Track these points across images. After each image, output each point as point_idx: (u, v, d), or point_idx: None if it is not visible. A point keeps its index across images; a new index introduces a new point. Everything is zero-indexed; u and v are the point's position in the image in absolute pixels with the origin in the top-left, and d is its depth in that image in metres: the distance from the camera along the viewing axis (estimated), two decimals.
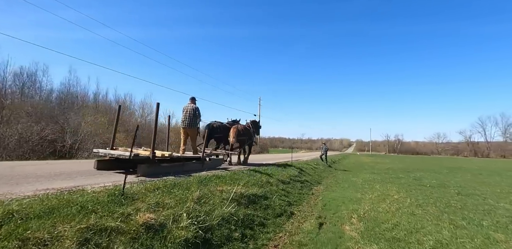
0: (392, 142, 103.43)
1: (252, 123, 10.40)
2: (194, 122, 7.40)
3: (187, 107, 7.42)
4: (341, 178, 12.10)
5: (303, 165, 11.94)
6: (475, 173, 16.71)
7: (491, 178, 13.49)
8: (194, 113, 7.34)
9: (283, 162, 11.89)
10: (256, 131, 10.60)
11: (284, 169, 8.97)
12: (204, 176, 4.78)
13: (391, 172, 15.76)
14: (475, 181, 11.46)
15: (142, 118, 32.89)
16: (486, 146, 77.97)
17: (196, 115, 7.41)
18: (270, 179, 6.57)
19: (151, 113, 35.64)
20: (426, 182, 10.57)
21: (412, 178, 12.24)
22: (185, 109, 7.40)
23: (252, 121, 10.60)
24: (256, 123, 10.77)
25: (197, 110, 7.45)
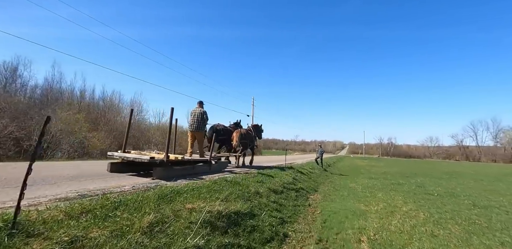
0: (385, 145, 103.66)
1: (254, 127, 10.77)
2: (202, 126, 7.53)
3: (195, 110, 7.52)
4: (339, 184, 11.12)
5: (297, 170, 10.91)
6: (476, 179, 15.99)
7: (495, 185, 12.72)
8: (202, 117, 7.45)
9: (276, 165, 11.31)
10: (258, 135, 10.92)
11: (277, 174, 7.92)
12: (170, 189, 3.65)
13: (389, 177, 14.91)
14: (482, 189, 10.62)
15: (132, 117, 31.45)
16: (477, 150, 78.54)
17: (204, 119, 7.52)
18: (260, 188, 5.49)
19: (141, 112, 34.30)
20: (431, 190, 9.67)
21: (414, 184, 11.34)
22: (193, 113, 7.51)
23: (254, 125, 10.97)
24: (258, 127, 11.05)
25: (205, 114, 7.54)
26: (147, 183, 4.25)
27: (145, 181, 4.55)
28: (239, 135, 9.04)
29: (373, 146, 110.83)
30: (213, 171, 7.09)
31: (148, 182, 4.38)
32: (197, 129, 7.50)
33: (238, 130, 9.34)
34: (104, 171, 5.49)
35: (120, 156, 5.46)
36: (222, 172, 7.15)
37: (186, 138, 9.01)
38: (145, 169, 5.79)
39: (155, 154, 5.77)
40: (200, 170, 6.64)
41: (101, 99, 27.36)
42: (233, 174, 6.61)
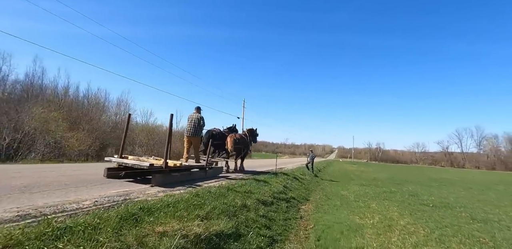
0: (373, 150, 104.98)
1: (249, 131, 10.64)
2: (198, 131, 7.54)
3: (192, 116, 7.53)
4: (330, 192, 10.69)
5: (288, 176, 10.42)
6: (465, 187, 15.94)
7: (485, 194, 12.60)
8: (199, 123, 7.46)
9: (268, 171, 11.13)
10: (253, 139, 10.89)
11: (267, 182, 7.39)
12: (139, 205, 3.04)
13: (380, 184, 14.64)
14: (475, 199, 10.41)
15: (118, 117, 30.36)
16: (461, 157, 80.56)
17: (201, 125, 7.54)
18: (247, 199, 4.94)
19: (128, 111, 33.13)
20: (425, 200, 9.35)
21: (407, 193, 11.03)
22: (190, 118, 7.52)
23: (249, 129, 10.81)
24: (253, 131, 10.94)
25: (202, 119, 7.54)
26: (115, 196, 3.62)
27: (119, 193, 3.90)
28: (233, 140, 8.99)
29: (361, 150, 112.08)
30: (209, 176, 7.14)
31: (117, 195, 3.75)
32: (193, 135, 7.47)
33: (232, 135, 9.28)
34: (68, 179, 4.83)
35: (118, 162, 5.36)
36: (217, 178, 7.27)
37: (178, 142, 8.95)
38: (142, 174, 5.67)
39: (153, 161, 5.79)
40: (197, 176, 6.65)
41: (85, 97, 26.19)
42: (222, 182, 6.28)
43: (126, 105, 33.23)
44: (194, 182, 5.89)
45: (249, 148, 10.76)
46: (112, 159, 5.52)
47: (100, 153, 17.06)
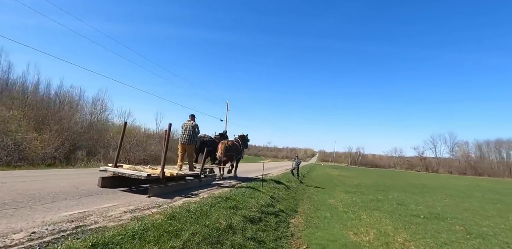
0: (353, 154, 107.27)
1: (240, 138, 10.63)
2: (193, 139, 7.53)
3: (187, 124, 7.54)
4: (318, 200, 10.22)
5: (275, 185, 9.82)
6: (446, 193, 16.14)
7: (467, 201, 12.70)
8: (194, 131, 7.48)
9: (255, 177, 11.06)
10: (245, 145, 10.88)
11: (253, 193, 6.74)
12: (91, 241, 2.27)
13: (365, 191, 14.45)
14: (460, 207, 10.35)
15: (93, 116, 28.48)
16: (435, 162, 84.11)
17: (196, 133, 7.60)
18: (233, 217, 4.26)
19: (104, 111, 31.28)
20: (414, 209, 9.11)
21: (394, 201, 10.80)
22: (185, 126, 7.52)
23: (240, 135, 10.77)
24: (244, 137, 10.93)
25: (197, 127, 7.58)
26: (65, 222, 2.81)
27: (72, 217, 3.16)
28: (224, 147, 8.94)
29: (341, 154, 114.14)
30: (203, 185, 7.18)
31: (68, 219, 2.94)
32: (188, 142, 7.44)
33: (223, 142, 9.27)
34: (11, 194, 3.91)
35: (114, 171, 5.23)
36: (211, 186, 7.34)
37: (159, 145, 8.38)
38: (136, 183, 5.63)
39: (149, 170, 5.72)
40: (192, 185, 6.63)
41: (57, 94, 24.29)
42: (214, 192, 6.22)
43: (103, 105, 31.30)
44: (189, 191, 5.90)
45: (241, 155, 10.78)
46: (108, 169, 5.36)
47: (69, 156, 15.60)
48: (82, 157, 15.83)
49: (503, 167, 76.45)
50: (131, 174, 4.96)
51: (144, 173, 4.94)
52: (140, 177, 4.82)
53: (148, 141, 21.06)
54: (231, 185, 7.74)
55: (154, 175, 5.08)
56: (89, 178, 6.59)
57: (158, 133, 27.14)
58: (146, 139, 21.28)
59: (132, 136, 16.85)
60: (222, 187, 7.26)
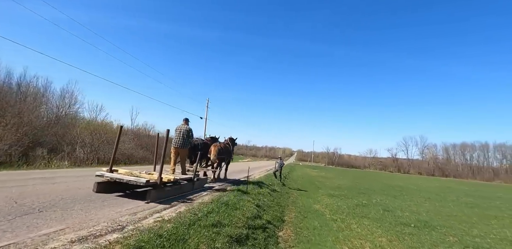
0: (330, 154, 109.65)
1: (231, 140, 10.87)
2: (186, 143, 7.57)
3: (181, 127, 7.57)
4: (303, 206, 9.68)
5: (259, 189, 9.12)
6: (423, 196, 16.42)
7: (445, 205, 12.84)
8: (188, 134, 7.53)
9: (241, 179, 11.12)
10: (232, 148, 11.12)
11: (238, 202, 5.98)
12: None
13: (348, 194, 14.22)
14: (443, 213, 10.28)
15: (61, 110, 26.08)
16: (407, 163, 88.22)
17: (190, 136, 7.64)
18: (217, 238, 3.49)
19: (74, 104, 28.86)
20: (401, 216, 8.83)
21: (379, 207, 10.54)
22: (179, 130, 7.54)
23: (230, 138, 11.03)
24: (233, 140, 11.18)
25: (191, 131, 7.65)
26: None
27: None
28: (217, 150, 9.05)
29: (319, 154, 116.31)
30: (196, 188, 7.29)
31: None
32: (182, 146, 7.47)
33: (216, 144, 9.34)
34: None
35: (112, 177, 5.18)
36: (204, 189, 7.53)
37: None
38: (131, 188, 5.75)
39: (146, 175, 5.68)
40: (186, 189, 6.70)
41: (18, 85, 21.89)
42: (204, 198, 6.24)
43: (72, 97, 28.87)
44: (184, 196, 6.02)
45: (231, 157, 11.08)
46: (104, 174, 5.29)
47: (27, 153, 13.89)
48: (42, 155, 14.13)
49: (466, 169, 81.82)
50: (129, 180, 4.94)
51: (143, 179, 4.97)
52: (140, 183, 4.83)
53: (121, 138, 19.51)
54: (222, 188, 7.95)
55: (153, 181, 5.09)
56: (43, 185, 5.48)
57: (133, 129, 25.44)
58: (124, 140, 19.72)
59: (103, 133, 15.34)
60: (213, 191, 7.44)
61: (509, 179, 69.63)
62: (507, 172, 77.09)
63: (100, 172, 5.36)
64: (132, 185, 5.29)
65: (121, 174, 5.42)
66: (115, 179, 5.11)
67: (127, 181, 4.93)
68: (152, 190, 5.06)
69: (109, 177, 5.19)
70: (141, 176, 5.43)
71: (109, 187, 5.46)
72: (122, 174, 5.58)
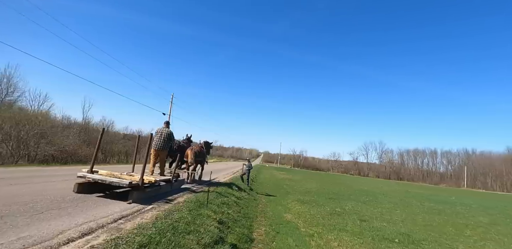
0: (296, 156, 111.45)
1: (205, 144, 11.11)
2: (166, 145, 7.74)
3: (162, 130, 7.73)
4: (273, 216, 8.42)
5: (223, 197, 7.64)
6: (391, 201, 16.30)
7: (417, 213, 12.56)
8: (169, 138, 7.74)
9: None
10: (208, 151, 11.44)
11: (193, 220, 4.44)
12: None
13: (318, 199, 13.43)
14: (418, 223, 9.77)
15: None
16: (367, 167, 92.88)
17: (171, 139, 7.89)
18: None
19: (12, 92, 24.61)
20: (380, 229, 8.00)
21: (355, 216, 9.71)
22: (159, 132, 7.68)
23: (205, 142, 11.24)
24: (208, 143, 11.47)
25: (172, 134, 7.87)
26: None
27: None
28: (194, 153, 9.30)
29: (285, 156, 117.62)
30: (174, 189, 7.35)
31: None
32: (161, 148, 7.62)
33: (191, 148, 9.57)
34: None
35: (94, 178, 5.20)
36: (182, 190, 7.64)
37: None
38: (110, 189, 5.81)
39: (128, 177, 5.72)
40: (164, 190, 6.72)
41: None
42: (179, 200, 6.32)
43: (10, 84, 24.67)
44: (164, 196, 6.15)
45: (206, 159, 11.41)
46: (86, 176, 5.30)
47: None
48: None
49: (418, 173, 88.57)
50: (112, 181, 5.04)
51: (126, 181, 5.05)
52: (123, 184, 4.99)
53: (64, 131, 16.56)
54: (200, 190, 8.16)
55: (135, 182, 5.15)
56: None
57: (81, 123, 22.15)
58: (61, 130, 16.68)
59: (34, 125, 12.55)
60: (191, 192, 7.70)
61: (453, 183, 76.85)
62: (451, 176, 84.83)
63: (81, 173, 5.38)
64: (112, 186, 5.40)
65: (103, 176, 5.44)
66: (97, 180, 5.17)
67: (109, 182, 5.04)
68: (135, 191, 5.15)
69: (91, 178, 5.22)
70: (123, 178, 5.50)
71: (90, 188, 5.50)
72: (103, 175, 5.57)
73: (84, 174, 5.32)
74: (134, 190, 5.16)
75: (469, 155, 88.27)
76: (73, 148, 14.33)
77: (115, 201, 5.06)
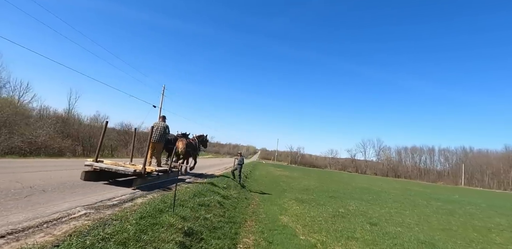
0: (293, 153, 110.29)
1: (198, 137, 11.68)
2: (163, 138, 8.42)
3: (158, 124, 8.35)
4: (267, 219, 6.99)
5: (204, 200, 6.15)
6: (396, 200, 15.00)
7: (429, 214, 11.24)
8: (165, 131, 8.42)
9: None
10: (203, 144, 12.26)
11: (147, 229, 2.96)
12: None
13: (318, 198, 12.05)
14: (435, 226, 8.42)
15: None
16: (364, 164, 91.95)
17: (166, 133, 8.60)
18: None
19: None
20: (394, 235, 6.61)
21: (363, 219, 8.33)
22: (156, 126, 8.22)
23: (198, 135, 11.79)
24: (203, 137, 11.98)
25: (167, 128, 8.57)
26: None
27: None
28: (184, 144, 9.98)
29: (282, 153, 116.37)
30: (170, 179, 8.07)
31: None
32: (158, 141, 8.22)
33: (181, 139, 10.15)
34: None
35: (101, 167, 5.73)
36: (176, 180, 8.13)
37: None
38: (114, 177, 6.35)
39: (129, 166, 6.29)
40: (162, 179, 7.43)
41: None
42: None
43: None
44: (164, 185, 6.87)
45: (197, 152, 11.84)
46: (93, 164, 5.79)
47: None
48: None
49: (415, 171, 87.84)
50: (118, 169, 5.65)
51: (131, 169, 5.70)
52: (128, 172, 5.62)
53: (38, 123, 14.93)
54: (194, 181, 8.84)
55: (138, 170, 5.67)
56: None
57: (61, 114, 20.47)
58: (33, 121, 15.05)
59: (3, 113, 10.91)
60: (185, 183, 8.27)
61: (450, 181, 76.20)
62: (449, 174, 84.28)
63: (88, 162, 5.90)
64: (115, 174, 6.01)
65: (109, 165, 5.91)
66: (104, 168, 5.73)
67: (116, 170, 5.65)
68: (138, 178, 5.75)
69: (98, 166, 5.75)
70: (127, 167, 5.97)
71: (95, 176, 5.93)
72: (108, 164, 6.00)
73: (91, 163, 5.87)
74: (137, 178, 5.72)
75: (467, 153, 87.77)
76: (42, 139, 12.73)
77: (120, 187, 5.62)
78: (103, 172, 5.88)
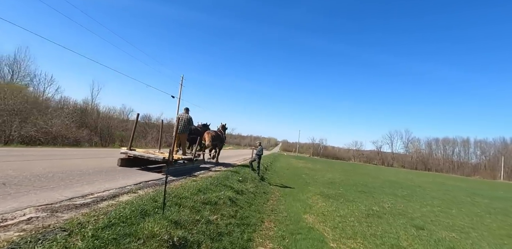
0: (316, 145, 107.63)
1: (222, 128, 12.07)
2: (187, 129, 8.83)
3: (183, 116, 8.82)
4: (288, 220, 5.90)
5: (210, 196, 5.16)
6: (433, 196, 13.25)
7: (477, 213, 9.56)
8: (189, 122, 8.83)
9: None
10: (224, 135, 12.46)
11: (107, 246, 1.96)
12: None
13: (346, 193, 10.76)
14: (496, 231, 6.88)
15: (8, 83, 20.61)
16: (391, 157, 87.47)
17: (190, 124, 9.00)
18: None
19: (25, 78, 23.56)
20: (450, 243, 5.25)
21: (404, 220, 6.96)
22: (181, 117, 8.80)
23: (223, 126, 12.16)
24: (224, 127, 12.38)
25: (191, 119, 8.95)
26: None
27: None
28: (210, 137, 10.35)
29: (303, 145, 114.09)
30: (195, 167, 8.48)
31: None
32: (182, 132, 8.65)
33: (209, 132, 10.61)
34: None
35: (135, 154, 6.48)
36: (203, 169, 8.76)
37: None
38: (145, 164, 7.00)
39: (159, 153, 6.86)
40: (188, 167, 7.79)
41: None
42: None
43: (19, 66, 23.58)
44: (192, 172, 7.58)
45: (223, 142, 11.99)
46: (128, 152, 6.58)
47: None
48: None
49: (448, 164, 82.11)
50: (149, 157, 6.34)
51: (161, 156, 6.34)
52: (158, 159, 6.28)
53: (55, 112, 14.81)
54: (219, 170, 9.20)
55: (167, 158, 5.84)
56: None
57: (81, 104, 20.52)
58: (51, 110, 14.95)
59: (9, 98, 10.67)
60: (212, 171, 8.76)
61: (487, 175, 70.30)
62: (486, 167, 77.89)
63: (124, 150, 6.72)
64: (147, 162, 6.71)
65: (141, 152, 6.61)
66: (137, 155, 6.43)
67: (147, 157, 6.32)
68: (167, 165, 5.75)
69: (132, 154, 6.49)
70: (157, 155, 6.53)
71: (129, 163, 6.69)
72: (141, 152, 6.68)
73: (126, 151, 6.62)
74: (166, 165, 5.88)
75: (507, 145, 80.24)
76: (57, 129, 12.45)
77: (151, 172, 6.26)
78: (136, 160, 6.60)
